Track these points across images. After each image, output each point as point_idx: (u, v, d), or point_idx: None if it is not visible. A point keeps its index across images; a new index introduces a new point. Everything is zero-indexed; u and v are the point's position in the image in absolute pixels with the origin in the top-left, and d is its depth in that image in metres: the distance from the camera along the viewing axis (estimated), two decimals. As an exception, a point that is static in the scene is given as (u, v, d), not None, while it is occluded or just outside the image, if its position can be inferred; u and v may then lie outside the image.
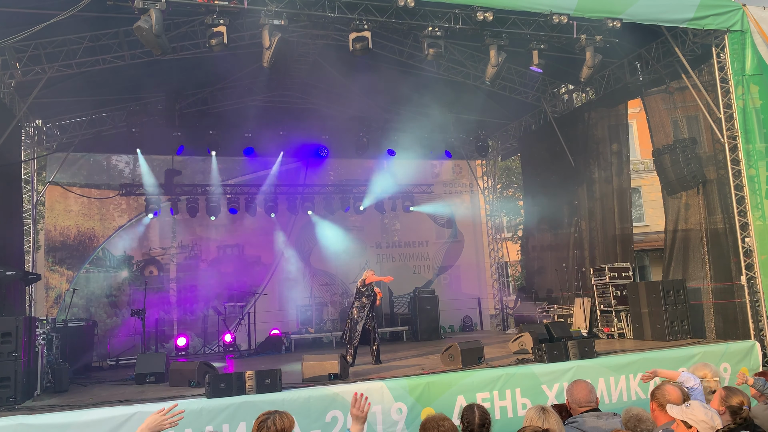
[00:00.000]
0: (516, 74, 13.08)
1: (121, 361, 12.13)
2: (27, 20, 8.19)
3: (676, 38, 10.11)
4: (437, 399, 7.16)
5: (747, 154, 9.49)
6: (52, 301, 13.71)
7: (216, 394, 6.57)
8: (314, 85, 13.81)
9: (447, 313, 15.55)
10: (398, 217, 16.83)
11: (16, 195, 11.37)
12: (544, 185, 14.53)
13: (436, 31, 8.64)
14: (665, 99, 11.31)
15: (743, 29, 9.52)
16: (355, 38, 8.44)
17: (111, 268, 14.40)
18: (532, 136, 15.17)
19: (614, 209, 12.42)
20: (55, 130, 13.36)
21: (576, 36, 9.12)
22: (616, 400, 7.91)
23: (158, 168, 14.51)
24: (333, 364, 7.61)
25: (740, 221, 9.58)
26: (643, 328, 10.47)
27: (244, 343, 13.63)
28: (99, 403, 6.87)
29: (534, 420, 3.66)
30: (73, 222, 14.20)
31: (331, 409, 6.77)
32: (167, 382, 8.36)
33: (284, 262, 15.53)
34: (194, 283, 14.75)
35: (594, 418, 4.04)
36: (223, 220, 15.06)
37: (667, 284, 10.29)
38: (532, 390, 7.61)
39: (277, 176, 15.39)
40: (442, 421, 3.64)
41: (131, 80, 11.52)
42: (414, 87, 12.71)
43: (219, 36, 7.80)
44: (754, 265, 9.40)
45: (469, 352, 8.38)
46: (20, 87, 10.52)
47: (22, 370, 7.09)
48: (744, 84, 9.54)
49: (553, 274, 14.06)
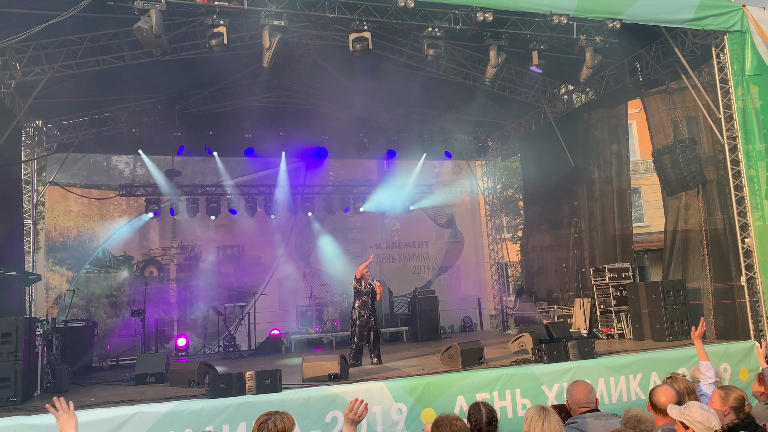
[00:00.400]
0: (516, 75, 13.09)
1: (121, 361, 12.13)
2: (27, 21, 8.19)
3: (676, 39, 10.12)
4: (437, 399, 7.15)
5: (747, 155, 9.49)
6: (52, 302, 13.72)
7: (216, 394, 6.57)
8: (314, 85, 13.82)
9: (447, 314, 15.56)
10: (398, 218, 16.84)
11: (16, 195, 11.37)
12: (544, 186, 14.54)
13: (436, 32, 8.64)
14: (665, 99, 11.32)
15: (743, 30, 9.51)
16: (355, 39, 8.44)
17: (111, 269, 14.41)
18: (532, 137, 15.17)
19: (614, 209, 12.42)
20: (55, 131, 13.36)
21: (576, 36, 9.12)
22: (615, 400, 7.91)
23: (158, 168, 14.52)
24: (333, 365, 7.61)
25: (740, 222, 9.58)
26: (643, 329, 10.47)
27: (244, 344, 13.64)
28: (99, 403, 6.86)
29: (534, 420, 3.66)
30: (73, 222, 14.21)
31: (331, 410, 6.77)
32: (167, 382, 8.35)
33: (284, 262, 15.54)
34: (194, 283, 14.76)
35: (594, 418, 4.04)
36: (223, 220, 15.07)
37: (667, 285, 10.28)
38: (532, 390, 7.61)
39: (277, 177, 15.39)
40: (455, 420, 3.66)
41: (131, 81, 11.53)
42: (414, 88, 12.71)
43: (219, 36, 7.81)
44: (753, 266, 9.40)
45: (469, 353, 8.38)
46: (20, 87, 10.52)
47: (22, 371, 7.09)
48: (744, 84, 9.53)
49: (553, 275, 14.06)
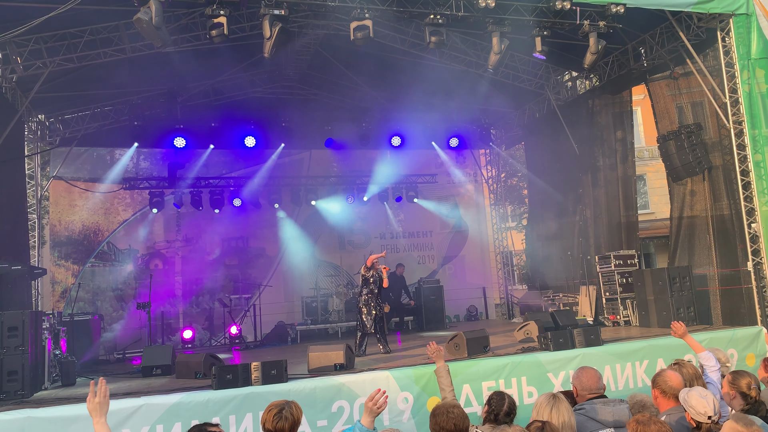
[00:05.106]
0: (519, 62, 12.98)
1: (128, 354, 12.20)
2: (27, 14, 8.16)
3: (681, 23, 10.01)
4: (443, 388, 7.15)
5: (753, 140, 9.41)
6: (58, 296, 13.78)
7: (222, 385, 6.59)
8: (316, 75, 13.75)
9: (452, 303, 15.55)
10: (402, 208, 16.80)
11: (20, 190, 11.38)
12: (549, 173, 14.46)
13: (438, 19, 8.57)
14: (670, 85, 11.22)
15: (749, 12, 9.40)
16: (356, 27, 8.38)
17: (116, 262, 14.45)
18: (535, 124, 15.08)
19: (619, 197, 12.34)
20: (58, 125, 13.35)
21: (579, 22, 9.03)
22: (622, 387, 7.90)
23: (161, 161, 14.51)
24: (339, 355, 7.62)
25: (746, 207, 9.51)
26: (649, 315, 10.44)
27: (250, 335, 13.68)
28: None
29: (543, 406, 3.65)
30: (77, 216, 14.23)
31: (337, 399, 6.78)
32: (174, 374, 8.39)
33: (289, 253, 15.54)
34: (199, 275, 14.79)
35: (602, 404, 4.03)
36: (227, 212, 15.06)
37: (673, 271, 10.24)
38: (538, 378, 7.61)
39: (281, 168, 15.37)
40: (452, 408, 3.64)
41: (132, 73, 11.47)
42: (416, 76, 12.62)
43: (219, 27, 7.76)
44: (760, 251, 9.34)
45: (475, 341, 8.37)
46: (22, 82, 10.50)
47: (30, 364, 7.14)
48: (750, 68, 9.43)
49: (558, 263, 14.02)
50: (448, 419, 3.57)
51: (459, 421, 3.58)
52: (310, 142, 15.21)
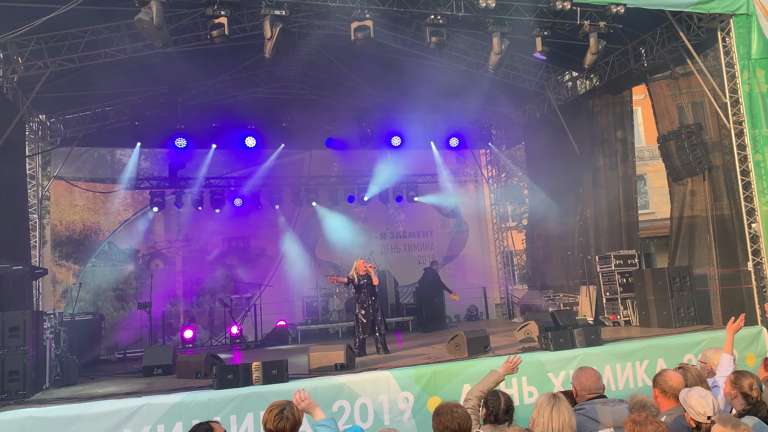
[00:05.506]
0: (519, 62, 12.98)
1: (129, 353, 12.21)
2: (28, 15, 8.18)
3: (681, 23, 10.01)
4: (443, 388, 7.17)
5: (753, 140, 9.41)
6: (59, 296, 13.80)
7: (223, 385, 6.61)
8: (316, 75, 13.76)
9: (452, 303, 15.50)
10: (403, 208, 16.81)
11: (21, 190, 11.39)
12: (549, 173, 14.46)
13: (439, 19, 8.58)
14: (670, 85, 11.22)
15: (749, 13, 9.41)
16: (356, 27, 8.39)
17: (117, 262, 14.47)
18: (536, 124, 15.08)
19: (619, 196, 12.35)
20: (59, 125, 13.36)
21: (579, 22, 9.03)
22: (622, 387, 7.91)
23: (162, 161, 14.53)
24: (339, 355, 7.63)
25: (747, 207, 9.52)
26: (650, 315, 10.45)
27: (250, 335, 13.68)
28: (107, 395, 6.91)
29: (543, 406, 3.65)
30: (78, 216, 14.25)
31: (338, 399, 6.79)
32: (174, 374, 8.41)
33: (289, 253, 15.55)
34: (200, 275, 14.82)
35: (601, 404, 4.03)
36: (228, 212, 15.08)
37: (673, 271, 10.25)
38: (538, 378, 7.62)
39: (281, 168, 15.38)
40: (456, 408, 3.65)
41: (133, 74, 11.48)
42: (417, 76, 12.61)
43: (220, 27, 7.77)
44: (760, 251, 9.35)
45: (475, 341, 8.39)
46: (23, 82, 10.51)
47: (31, 364, 7.15)
48: (750, 68, 9.44)
49: (559, 263, 14.02)
50: (453, 419, 3.58)
51: (463, 420, 3.59)
52: (310, 142, 15.23)
